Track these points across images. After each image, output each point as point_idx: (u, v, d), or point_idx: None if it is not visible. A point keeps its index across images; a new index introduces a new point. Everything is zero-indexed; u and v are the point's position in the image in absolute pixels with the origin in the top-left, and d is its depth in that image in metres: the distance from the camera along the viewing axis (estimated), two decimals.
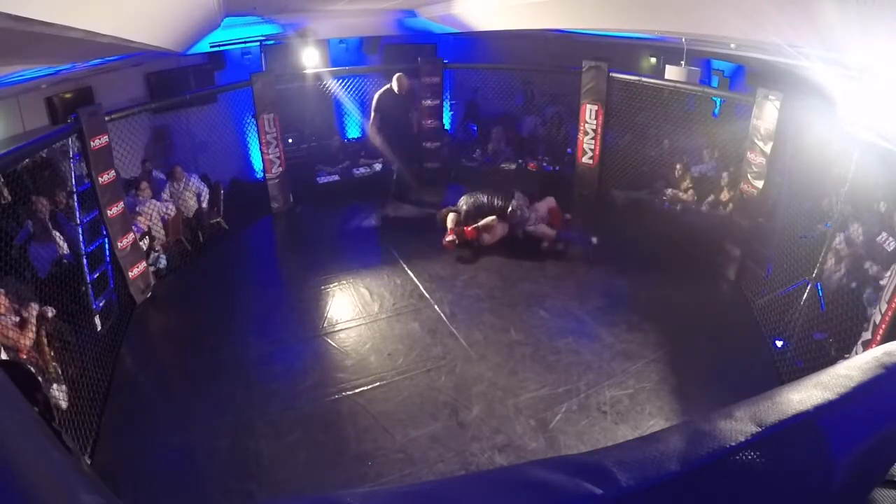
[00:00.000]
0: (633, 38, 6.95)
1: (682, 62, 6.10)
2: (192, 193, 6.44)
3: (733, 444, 0.55)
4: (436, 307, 5.16)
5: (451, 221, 6.16)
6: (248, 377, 4.31)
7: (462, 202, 6.32)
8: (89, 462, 3.48)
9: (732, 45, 4.93)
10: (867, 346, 3.37)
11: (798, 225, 4.79)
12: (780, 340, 4.48)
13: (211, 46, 6.95)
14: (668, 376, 4.26)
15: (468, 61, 8.70)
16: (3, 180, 4.81)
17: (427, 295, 5.35)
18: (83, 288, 4.60)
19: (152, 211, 5.76)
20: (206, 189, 6.63)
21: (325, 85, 7.84)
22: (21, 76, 4.25)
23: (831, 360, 3.66)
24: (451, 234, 6.05)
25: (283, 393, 4.13)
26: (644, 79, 6.71)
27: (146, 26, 3.65)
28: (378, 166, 8.11)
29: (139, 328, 5.08)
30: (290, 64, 7.70)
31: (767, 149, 5.13)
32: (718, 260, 5.73)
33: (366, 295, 5.36)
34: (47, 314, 3.83)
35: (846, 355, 3.57)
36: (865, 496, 0.64)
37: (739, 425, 0.57)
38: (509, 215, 6.13)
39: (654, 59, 8.54)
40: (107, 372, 4.30)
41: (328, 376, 4.30)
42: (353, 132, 8.79)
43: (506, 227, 6.16)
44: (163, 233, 5.89)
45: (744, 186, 5.46)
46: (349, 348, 4.62)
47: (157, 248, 5.80)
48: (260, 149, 7.03)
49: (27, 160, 4.51)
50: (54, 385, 3.54)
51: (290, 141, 8.01)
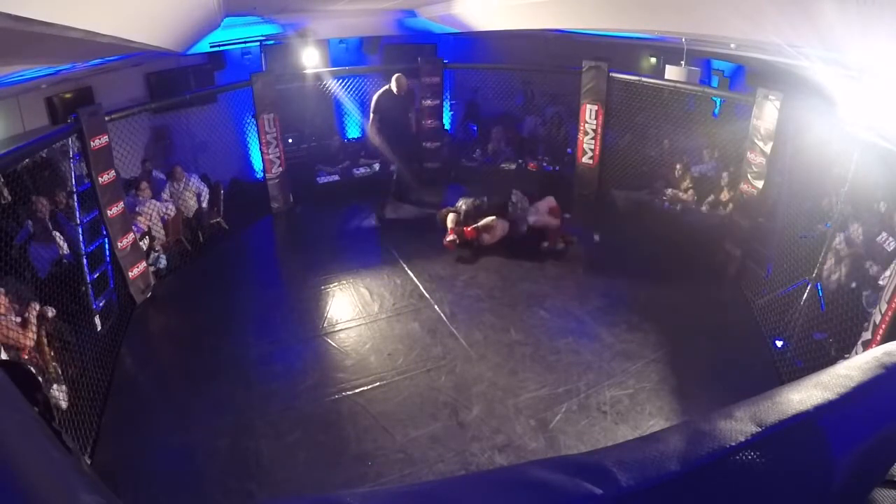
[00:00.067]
0: (633, 38, 6.95)
1: (682, 62, 6.10)
2: (192, 193, 6.45)
3: (733, 444, 0.55)
4: (436, 307, 5.16)
5: (451, 221, 6.17)
6: (248, 377, 4.31)
7: (461, 202, 6.33)
8: (89, 462, 3.48)
9: (732, 45, 4.93)
10: (867, 346, 3.36)
11: (798, 225, 4.79)
12: (780, 340, 4.47)
13: (211, 46, 6.95)
14: (668, 376, 4.26)
15: (468, 61, 8.70)
16: (3, 180, 4.82)
17: (427, 295, 5.35)
18: (83, 288, 4.60)
19: (152, 211, 5.76)
20: (206, 189, 6.63)
21: (325, 85, 7.84)
22: (21, 76, 4.25)
23: (831, 360, 3.65)
24: (452, 234, 6.05)
25: (283, 393, 4.13)
26: (644, 79, 6.71)
27: (146, 26, 3.65)
28: (378, 166, 8.11)
29: (139, 328, 5.08)
30: (290, 64, 7.70)
31: (767, 149, 5.13)
32: (718, 260, 5.73)
33: (366, 295, 5.36)
34: (47, 314, 3.83)
35: (846, 355, 3.57)
36: (865, 496, 0.64)
37: (739, 425, 0.57)
38: (509, 209, 6.14)
39: (654, 59, 8.54)
40: (107, 372, 4.30)
41: (328, 376, 4.30)
42: (352, 132, 8.79)
43: (506, 227, 6.16)
44: (163, 233, 5.89)
45: (744, 186, 5.46)
46: (349, 348, 4.62)
47: (157, 248, 5.80)
48: (260, 149, 7.03)
49: (27, 160, 4.51)
50: (54, 385, 3.55)
51: (290, 141, 8.01)
